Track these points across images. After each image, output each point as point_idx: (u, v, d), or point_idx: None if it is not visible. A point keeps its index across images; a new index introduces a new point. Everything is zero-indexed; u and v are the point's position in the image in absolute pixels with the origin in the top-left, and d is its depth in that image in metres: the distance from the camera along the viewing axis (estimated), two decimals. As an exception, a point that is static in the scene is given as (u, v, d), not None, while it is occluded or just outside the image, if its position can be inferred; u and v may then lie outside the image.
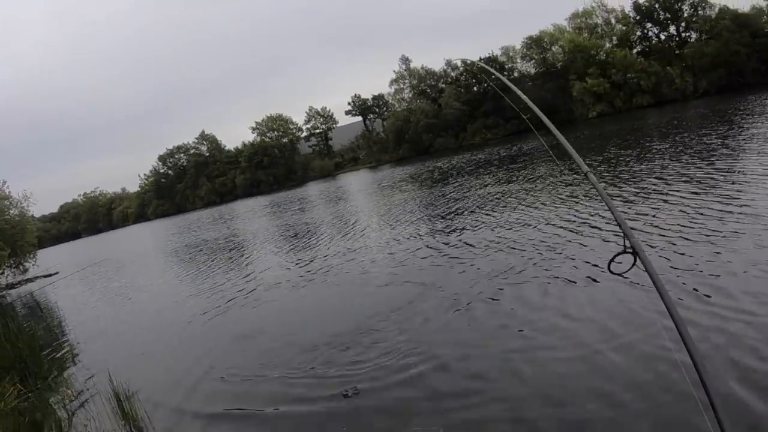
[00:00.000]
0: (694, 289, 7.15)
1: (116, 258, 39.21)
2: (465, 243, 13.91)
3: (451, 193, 25.22)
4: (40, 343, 13.47)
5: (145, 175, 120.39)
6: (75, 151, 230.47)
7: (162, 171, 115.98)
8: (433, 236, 16.00)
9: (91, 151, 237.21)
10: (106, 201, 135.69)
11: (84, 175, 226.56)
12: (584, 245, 10.86)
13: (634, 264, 2.72)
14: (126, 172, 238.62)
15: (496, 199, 19.53)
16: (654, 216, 11.81)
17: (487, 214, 17.05)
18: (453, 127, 70.36)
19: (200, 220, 60.18)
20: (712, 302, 6.61)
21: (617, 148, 25.45)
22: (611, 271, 2.86)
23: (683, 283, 7.43)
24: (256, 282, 15.96)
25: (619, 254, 2.74)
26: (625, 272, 2.84)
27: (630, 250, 2.67)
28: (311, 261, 16.94)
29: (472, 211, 18.46)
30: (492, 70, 6.12)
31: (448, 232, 15.93)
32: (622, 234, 2.73)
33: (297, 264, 17.16)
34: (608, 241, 10.60)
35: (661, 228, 10.65)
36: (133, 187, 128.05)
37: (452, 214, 18.91)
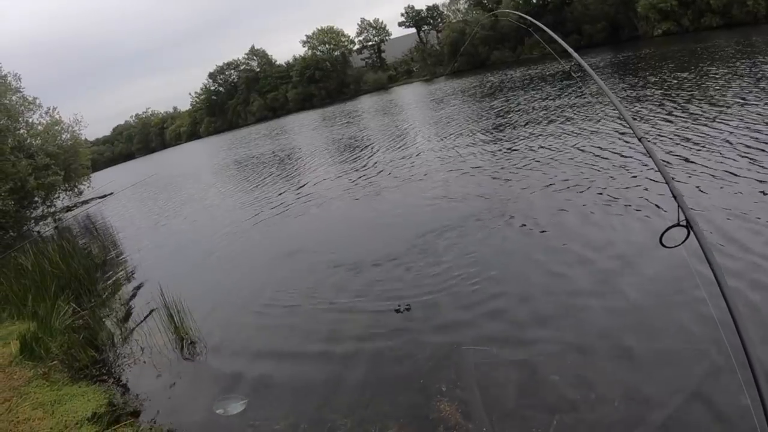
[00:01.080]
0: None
1: (168, 175, 40.34)
2: (519, 157, 13.69)
3: (503, 107, 24.47)
4: (95, 262, 14.07)
5: (196, 93, 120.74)
6: (126, 74, 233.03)
7: (213, 88, 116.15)
8: (484, 151, 15.76)
9: (142, 72, 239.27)
10: (158, 121, 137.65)
11: (135, 97, 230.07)
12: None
13: (687, 237, 2.61)
14: (177, 91, 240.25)
15: (548, 116, 18.84)
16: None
17: (539, 131, 16.52)
18: (510, 40, 67.55)
19: (251, 136, 60.76)
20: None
21: (675, 71, 23.79)
22: (663, 244, 2.68)
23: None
24: (306, 196, 16.22)
25: (672, 227, 2.64)
26: (677, 245, 2.68)
27: (684, 223, 2.59)
28: (362, 175, 17.02)
29: (525, 126, 17.98)
30: None
31: (500, 147, 15.62)
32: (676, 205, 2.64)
33: (349, 178, 17.27)
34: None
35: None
36: (185, 106, 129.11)
37: (506, 128, 18.47)
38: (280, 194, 17.83)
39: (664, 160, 9.47)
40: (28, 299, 9.59)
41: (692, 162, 9.78)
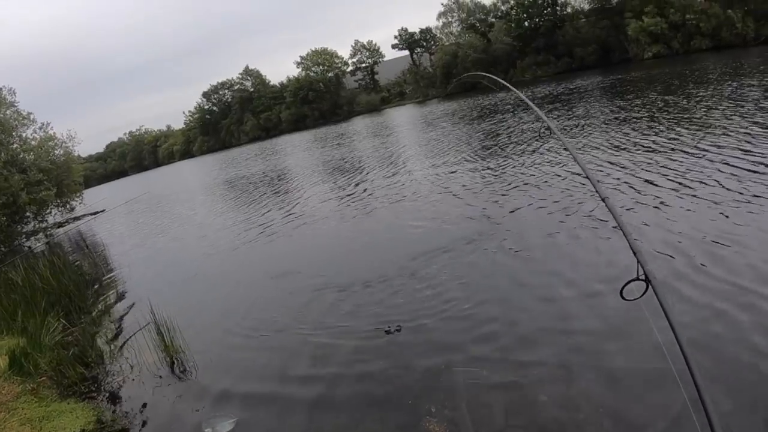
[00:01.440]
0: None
1: (160, 194, 40.32)
2: (516, 182, 13.76)
3: (495, 129, 24.81)
4: (86, 279, 14.09)
5: (189, 112, 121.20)
6: (119, 91, 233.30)
7: (206, 107, 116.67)
8: (479, 172, 15.95)
9: (136, 90, 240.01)
10: (152, 139, 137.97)
11: (129, 113, 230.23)
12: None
13: (645, 291, 2.74)
14: (170, 109, 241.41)
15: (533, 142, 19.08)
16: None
17: (538, 152, 16.72)
18: (502, 63, 68.24)
19: (244, 155, 60.90)
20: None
21: (662, 93, 24.18)
22: (623, 297, 2.81)
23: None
24: (296, 217, 16.34)
25: (632, 281, 2.77)
26: (636, 299, 2.81)
27: (643, 278, 2.71)
28: (352, 196, 17.20)
29: (518, 147, 18.22)
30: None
31: (495, 169, 15.78)
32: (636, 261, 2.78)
33: (339, 199, 17.44)
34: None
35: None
36: (178, 125, 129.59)
37: (497, 151, 18.66)
38: (269, 213, 17.98)
39: (629, 207, 9.60)
40: (17, 314, 9.61)
41: (660, 205, 9.57)
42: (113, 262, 17.24)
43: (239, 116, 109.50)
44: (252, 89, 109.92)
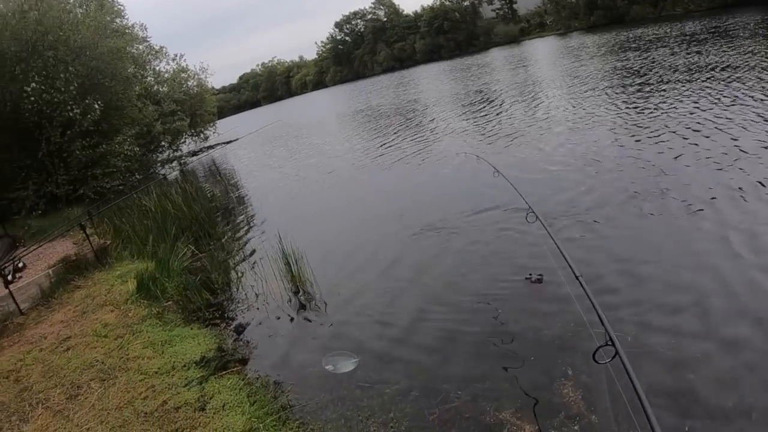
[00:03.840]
0: None
1: (292, 123, 41.23)
2: (658, 126, 12.18)
3: (641, 66, 22.21)
4: (216, 206, 14.56)
5: (322, 42, 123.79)
6: (250, 25, 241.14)
7: (339, 38, 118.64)
8: (623, 115, 14.26)
9: (269, 21, 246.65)
10: (284, 70, 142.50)
11: (259, 47, 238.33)
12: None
13: (614, 357, 3.05)
14: (300, 41, 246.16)
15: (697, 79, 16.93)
16: None
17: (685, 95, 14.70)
18: (652, -7, 62.41)
19: (377, 86, 60.84)
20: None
21: None
22: (595, 360, 3.14)
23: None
24: (428, 151, 15.61)
25: (600, 347, 3.12)
26: (606, 362, 3.17)
27: (611, 343, 3.07)
28: (492, 131, 15.96)
29: (666, 88, 16.20)
30: None
31: (639, 111, 13.99)
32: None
33: (479, 132, 16.36)
34: None
35: None
36: (311, 55, 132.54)
37: (644, 91, 16.61)
38: (402, 148, 17.23)
39: None
40: (149, 240, 9.98)
41: None
42: (243, 190, 17.72)
43: (372, 46, 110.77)
44: (385, 19, 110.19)
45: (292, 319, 6.76)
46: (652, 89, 15.72)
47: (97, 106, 17.46)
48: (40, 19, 16.35)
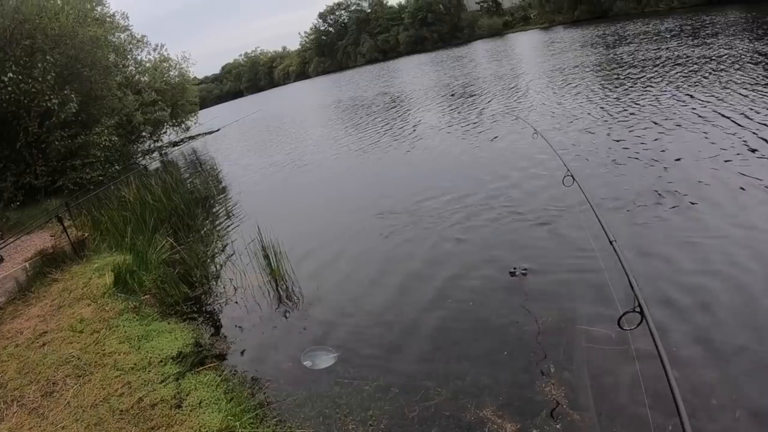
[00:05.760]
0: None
1: (273, 114, 40.94)
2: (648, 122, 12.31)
3: (628, 60, 22.31)
4: (196, 197, 14.36)
5: (305, 32, 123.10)
6: (233, 13, 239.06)
7: (323, 28, 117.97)
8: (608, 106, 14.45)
9: (252, 11, 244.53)
10: (267, 60, 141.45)
11: (243, 37, 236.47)
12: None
13: (640, 323, 2.89)
14: (286, 30, 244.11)
15: (675, 75, 17.06)
16: None
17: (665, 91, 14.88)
18: (637, -11, 62.65)
19: (360, 77, 60.62)
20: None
21: None
22: (620, 327, 3.02)
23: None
24: (410, 142, 15.66)
25: (627, 312, 2.94)
26: (632, 329, 3.04)
27: (638, 310, 2.89)
28: (476, 124, 16.02)
29: (646, 83, 16.40)
30: None
31: (620, 104, 14.20)
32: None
33: (460, 126, 16.41)
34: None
35: None
36: (294, 46, 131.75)
37: (627, 85, 16.84)
38: (383, 140, 17.36)
39: None
40: (127, 232, 9.81)
41: None
42: (224, 180, 17.59)
43: (356, 37, 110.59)
44: (369, 10, 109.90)
45: (270, 314, 6.71)
46: (631, 80, 15.80)
47: (74, 96, 17.14)
48: (17, 7, 16.05)
